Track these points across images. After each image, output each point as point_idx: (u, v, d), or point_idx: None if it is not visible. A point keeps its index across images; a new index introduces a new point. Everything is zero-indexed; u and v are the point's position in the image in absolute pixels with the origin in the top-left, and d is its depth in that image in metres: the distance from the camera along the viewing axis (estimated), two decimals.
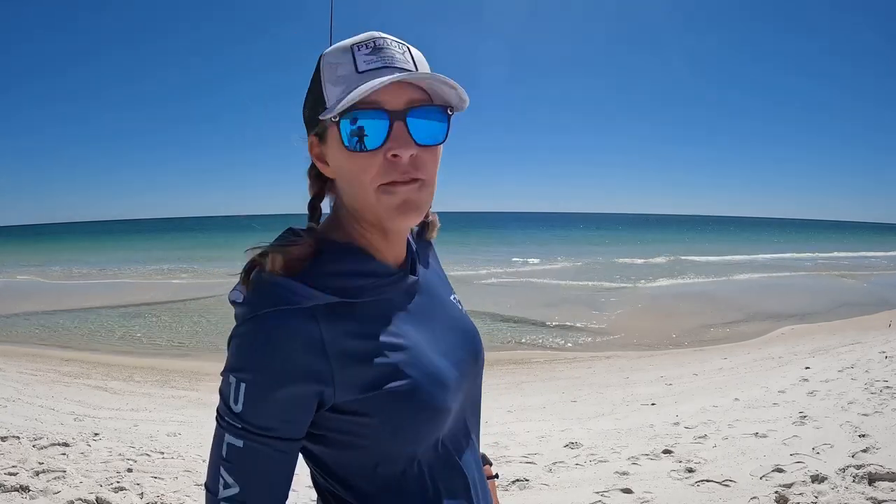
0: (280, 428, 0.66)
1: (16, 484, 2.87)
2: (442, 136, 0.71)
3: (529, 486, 3.25)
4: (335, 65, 0.69)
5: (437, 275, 0.89)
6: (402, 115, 0.67)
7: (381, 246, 0.75)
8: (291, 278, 0.67)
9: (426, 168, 0.70)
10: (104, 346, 8.99)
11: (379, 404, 0.69)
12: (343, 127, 0.67)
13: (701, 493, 2.99)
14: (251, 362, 0.65)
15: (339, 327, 0.68)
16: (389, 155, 0.67)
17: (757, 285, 16.12)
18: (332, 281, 0.69)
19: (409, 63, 0.69)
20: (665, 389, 5.96)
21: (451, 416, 0.76)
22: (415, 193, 0.69)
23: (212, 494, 0.68)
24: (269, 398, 0.65)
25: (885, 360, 5.93)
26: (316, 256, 0.71)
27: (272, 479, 0.68)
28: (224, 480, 0.67)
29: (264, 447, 0.66)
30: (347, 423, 0.70)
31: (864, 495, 2.70)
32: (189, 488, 3.21)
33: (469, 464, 0.81)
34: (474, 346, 0.85)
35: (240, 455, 0.66)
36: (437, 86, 0.69)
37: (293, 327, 0.65)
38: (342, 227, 0.75)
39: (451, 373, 0.76)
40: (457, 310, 0.87)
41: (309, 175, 0.79)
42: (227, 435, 0.66)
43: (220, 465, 0.67)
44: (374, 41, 0.69)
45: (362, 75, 0.67)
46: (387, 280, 0.74)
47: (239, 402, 0.65)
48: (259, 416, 0.65)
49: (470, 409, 0.85)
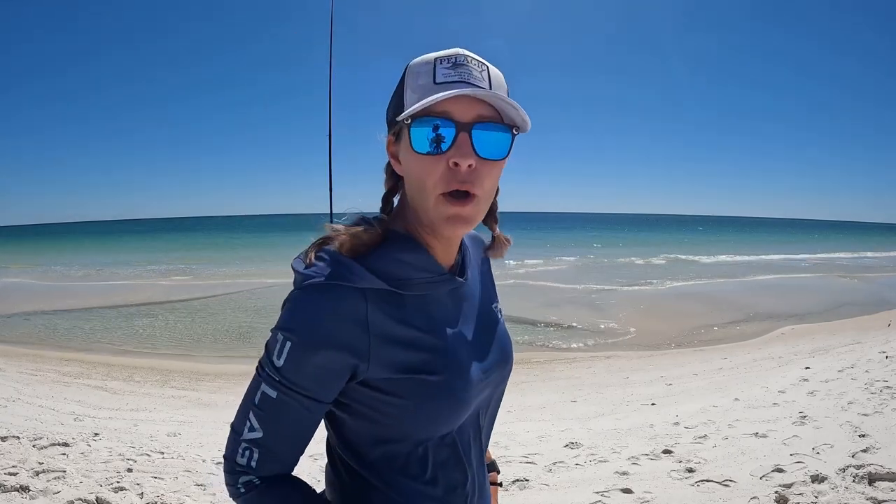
0: (312, 388, 0.73)
1: (16, 484, 2.86)
2: (503, 153, 0.76)
3: (529, 486, 3.25)
4: (417, 74, 0.75)
5: (484, 283, 0.94)
6: (468, 128, 0.72)
7: (435, 245, 0.81)
8: (354, 259, 0.74)
9: (482, 183, 0.74)
10: (104, 346, 8.98)
11: (406, 388, 0.75)
12: (413, 130, 0.73)
13: (701, 493, 2.98)
14: (299, 325, 0.72)
15: (385, 311, 0.74)
16: (451, 162, 0.72)
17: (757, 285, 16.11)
18: (389, 267, 0.76)
19: (484, 81, 0.74)
20: (665, 389, 5.96)
21: (468, 413, 0.82)
22: (467, 211, 0.75)
23: (236, 434, 0.76)
24: (308, 359, 0.72)
25: (885, 360, 5.93)
26: (382, 242, 0.78)
27: (294, 432, 0.76)
28: (251, 424, 0.75)
29: (294, 402, 0.73)
30: (373, 399, 0.76)
31: (864, 495, 2.69)
32: (189, 488, 3.20)
33: (472, 462, 0.85)
34: (504, 354, 0.90)
35: (271, 405, 0.74)
36: (504, 106, 0.74)
37: (343, 302, 0.72)
38: (406, 220, 0.82)
39: (477, 374, 0.82)
40: (496, 318, 0.92)
41: (385, 171, 0.85)
42: (263, 384, 0.74)
43: (250, 410, 0.75)
44: (455, 57, 0.75)
45: (438, 86, 0.73)
46: (436, 277, 0.80)
47: (282, 357, 0.72)
48: (296, 374, 0.72)
49: (486, 412, 0.89)
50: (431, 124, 0.72)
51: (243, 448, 0.76)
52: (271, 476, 0.77)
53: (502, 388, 0.92)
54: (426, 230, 0.80)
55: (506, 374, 0.91)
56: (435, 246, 0.81)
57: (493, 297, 0.95)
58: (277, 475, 0.78)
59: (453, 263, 0.85)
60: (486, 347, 0.86)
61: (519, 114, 0.74)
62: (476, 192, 0.74)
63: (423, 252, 0.80)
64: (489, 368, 0.85)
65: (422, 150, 0.73)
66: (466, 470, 0.84)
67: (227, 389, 6.53)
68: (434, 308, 0.80)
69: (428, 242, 0.81)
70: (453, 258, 0.85)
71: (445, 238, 0.81)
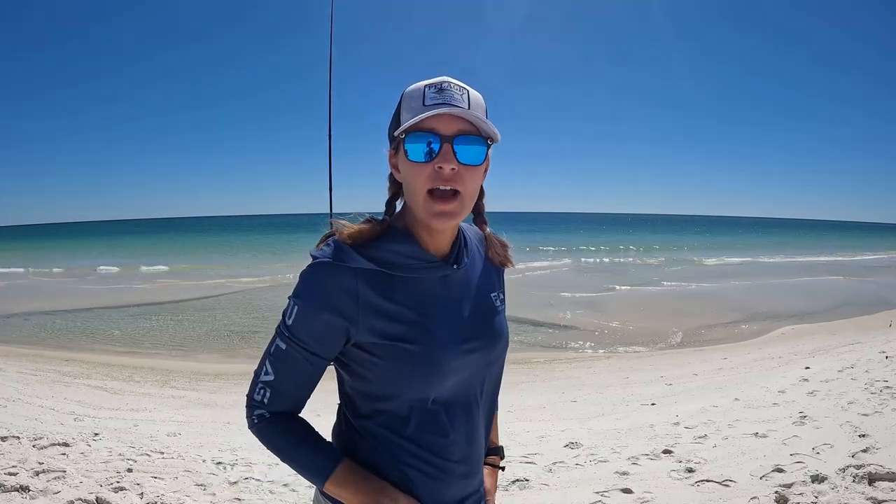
0: (312, 344, 0.93)
1: (16, 484, 2.86)
2: (480, 160, 0.93)
3: (529, 486, 3.25)
4: (411, 98, 0.93)
5: (485, 274, 1.08)
6: (451, 140, 0.89)
7: (427, 237, 0.97)
8: (352, 245, 0.92)
9: (465, 182, 0.91)
10: (104, 346, 8.99)
11: (388, 352, 0.92)
12: (407, 143, 0.90)
13: (701, 493, 2.98)
14: (304, 292, 0.92)
15: (374, 288, 0.92)
16: (436, 167, 0.89)
17: (757, 285, 16.11)
18: (381, 254, 0.93)
19: (464, 103, 0.91)
20: (665, 389, 5.96)
21: (447, 383, 0.95)
22: (451, 205, 0.91)
23: (255, 376, 0.97)
24: (309, 319, 0.91)
25: (885, 360, 5.93)
26: (381, 236, 0.95)
27: (298, 378, 0.95)
28: (266, 368, 0.96)
29: (298, 354, 0.93)
30: (363, 359, 0.94)
31: (864, 495, 2.69)
32: (189, 488, 3.20)
33: (457, 432, 0.98)
34: (493, 335, 1.03)
35: (281, 354, 0.94)
36: (479, 122, 0.90)
37: (338, 277, 0.91)
38: (405, 218, 0.99)
39: (456, 348, 0.96)
40: (492, 304, 1.06)
41: (388, 179, 1.02)
42: (277, 338, 0.95)
43: (267, 358, 0.96)
44: (441, 84, 0.92)
45: (426, 108, 0.90)
46: (426, 264, 0.96)
47: (291, 317, 0.93)
48: (300, 331, 0.92)
49: (479, 389, 1.03)
50: (422, 138, 0.89)
51: (259, 387, 0.96)
52: (279, 412, 0.96)
53: (495, 368, 1.05)
54: (420, 226, 0.96)
55: (495, 354, 1.03)
56: (427, 239, 0.97)
57: (494, 287, 1.08)
58: (285, 412, 0.97)
59: (448, 254, 1.00)
60: (473, 327, 1.00)
61: (490, 128, 0.91)
62: (459, 189, 0.90)
63: (413, 243, 0.96)
64: (474, 346, 0.98)
65: (415, 158, 0.90)
66: (450, 435, 0.97)
67: (227, 389, 6.54)
68: (422, 289, 0.96)
69: (422, 236, 0.97)
70: (446, 249, 1.00)
71: (437, 232, 0.96)
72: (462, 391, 0.99)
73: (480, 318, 1.02)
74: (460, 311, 0.99)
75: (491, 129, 0.91)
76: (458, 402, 0.98)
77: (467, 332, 0.98)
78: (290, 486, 3.23)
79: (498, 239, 1.12)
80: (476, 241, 1.09)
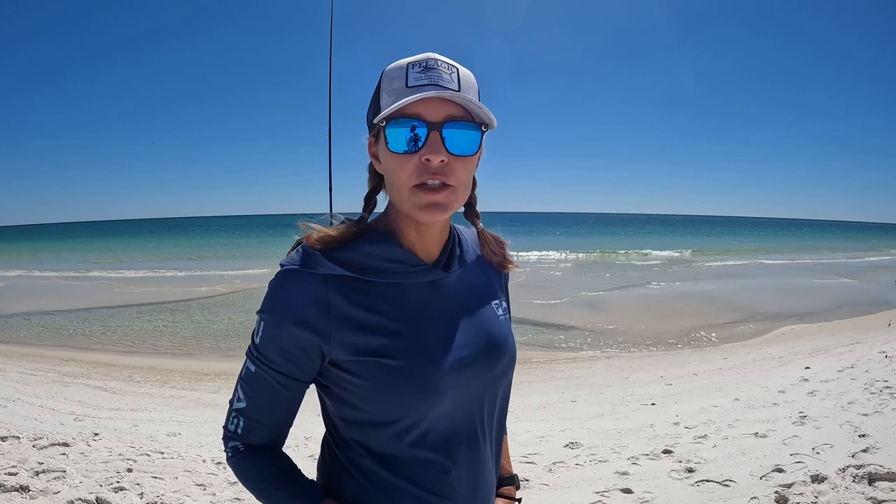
0: (282, 364, 0.81)
1: (16, 484, 2.86)
2: (473, 149, 0.80)
3: (529, 486, 3.25)
4: (391, 78, 0.80)
5: (484, 280, 0.95)
6: (439, 127, 0.77)
7: (414, 238, 0.85)
8: (321, 250, 0.81)
9: (456, 174, 0.79)
10: (104, 346, 8.98)
11: (367, 370, 0.80)
12: (388, 131, 0.78)
13: (701, 493, 2.98)
14: (269, 306, 0.81)
15: (347, 296, 0.80)
16: (423, 159, 0.77)
17: (757, 285, 16.10)
18: (356, 258, 0.82)
19: (453, 83, 0.79)
20: (665, 389, 5.96)
21: (442, 406, 0.82)
22: (441, 197, 0.78)
23: (229, 404, 0.87)
24: (275, 336, 0.80)
25: (885, 360, 5.93)
26: (357, 238, 0.84)
27: (271, 404, 0.84)
28: (239, 395, 0.85)
29: (268, 376, 0.82)
30: (341, 380, 0.82)
31: (864, 495, 2.69)
32: (189, 488, 3.20)
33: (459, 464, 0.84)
34: (494, 348, 0.89)
35: (251, 378, 0.83)
36: (471, 106, 0.78)
37: (305, 286, 0.79)
38: (388, 217, 0.87)
39: (450, 363, 0.82)
40: (492, 313, 0.92)
41: (368, 171, 0.90)
42: (247, 360, 0.84)
43: (239, 383, 0.86)
44: (426, 61, 0.79)
45: (410, 90, 0.77)
46: (409, 268, 0.84)
47: (258, 335, 0.82)
48: (268, 349, 0.81)
49: (483, 411, 0.88)
50: (405, 125, 0.77)
51: (232, 416, 0.86)
52: (255, 445, 0.86)
53: (499, 386, 0.90)
54: (406, 223, 0.84)
55: (497, 371, 0.89)
56: (413, 238, 0.85)
57: (494, 294, 0.96)
58: (262, 445, 0.86)
59: (438, 257, 0.88)
60: (468, 340, 0.86)
61: (484, 113, 0.78)
62: (451, 182, 0.79)
63: (394, 244, 0.84)
64: (469, 361, 0.84)
65: (397, 149, 0.78)
66: (451, 471, 0.83)
67: (227, 389, 6.53)
68: (405, 297, 0.83)
69: (407, 236, 0.85)
70: (436, 251, 0.88)
71: (426, 228, 0.85)
72: (463, 417, 0.84)
73: (479, 329, 0.88)
74: (453, 321, 0.86)
75: (485, 114, 0.79)
76: (459, 430, 0.84)
77: (461, 346, 0.84)
78: None
79: (493, 236, 0.99)
80: (473, 244, 0.96)
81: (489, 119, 0.79)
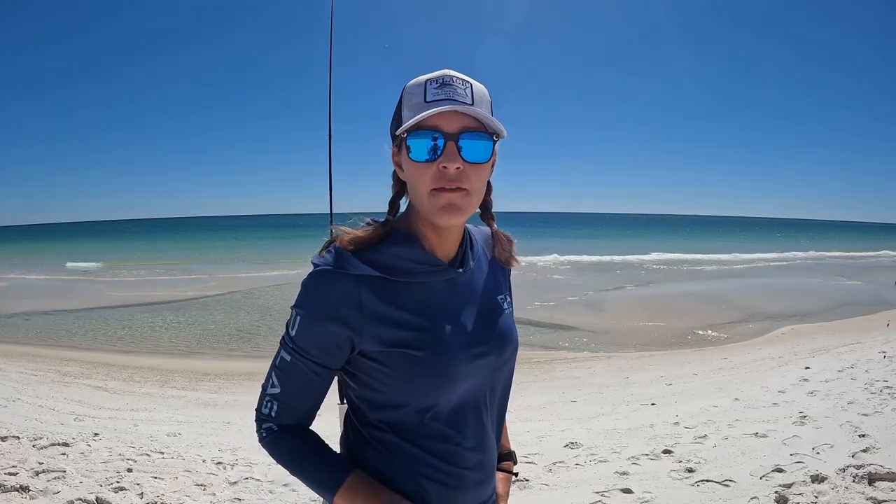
0: (316, 354, 0.90)
1: (16, 484, 2.86)
2: (486, 157, 0.89)
3: (529, 486, 3.25)
4: (411, 94, 0.89)
5: (491, 276, 1.05)
6: (455, 137, 0.86)
7: (433, 239, 0.94)
8: (353, 252, 0.89)
9: (471, 180, 0.88)
10: (104, 346, 8.99)
11: (394, 360, 0.89)
12: (410, 142, 0.87)
13: (701, 493, 2.98)
14: (306, 302, 0.90)
15: (377, 294, 0.89)
16: (440, 167, 0.86)
17: (757, 285, 16.11)
18: (384, 259, 0.90)
19: (467, 98, 0.88)
20: (665, 389, 5.96)
21: (457, 390, 0.93)
22: (457, 199, 0.87)
23: (262, 389, 0.96)
24: (312, 330, 0.89)
25: (884, 360, 5.93)
26: (383, 239, 0.92)
27: (305, 390, 0.93)
28: (272, 381, 0.94)
29: (303, 365, 0.91)
30: (370, 368, 0.91)
31: (864, 495, 2.70)
32: (189, 488, 3.20)
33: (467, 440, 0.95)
34: (502, 339, 1.00)
35: (286, 366, 0.92)
36: (484, 118, 0.87)
37: (340, 285, 0.88)
38: (409, 220, 0.96)
39: (465, 353, 0.93)
40: (499, 307, 1.03)
41: (392, 178, 0.99)
42: (282, 350, 0.93)
43: (273, 370, 0.94)
44: (443, 78, 0.88)
45: (428, 104, 0.87)
46: (431, 268, 0.93)
47: (294, 328, 0.91)
48: (303, 341, 0.90)
49: (489, 395, 0.99)
50: (424, 136, 0.86)
51: (266, 401, 0.95)
52: (288, 425, 0.95)
53: (504, 373, 1.02)
54: (426, 226, 0.93)
55: (504, 359, 1.00)
56: (432, 240, 0.94)
57: (501, 289, 1.06)
58: (293, 425, 0.95)
59: (454, 256, 0.97)
60: (481, 332, 0.97)
61: (496, 124, 0.87)
62: (465, 186, 0.87)
63: (417, 246, 0.93)
64: (482, 351, 0.95)
65: (418, 158, 0.87)
66: (461, 443, 0.94)
67: (227, 389, 6.54)
68: (427, 294, 0.93)
69: (427, 238, 0.94)
70: (453, 252, 0.97)
71: (444, 231, 0.93)
72: (471, 397, 0.96)
73: (488, 321, 0.99)
74: (468, 315, 0.96)
75: (497, 126, 0.88)
76: (467, 408, 0.95)
77: (475, 337, 0.95)
78: (290, 486, 3.23)
79: (505, 235, 1.09)
80: (482, 243, 1.06)
81: (499, 129, 0.88)
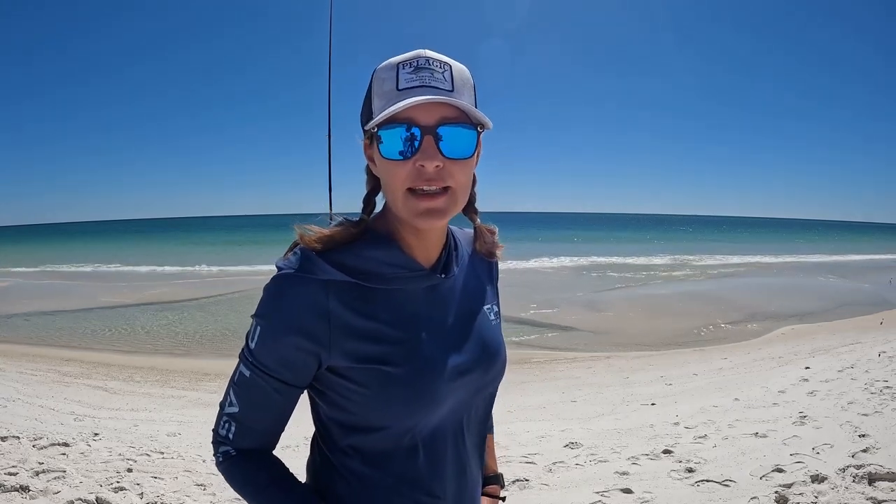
0: (278, 370, 0.79)
1: (16, 484, 2.86)
2: (470, 151, 0.77)
3: (529, 486, 3.25)
4: (382, 80, 0.77)
5: (477, 283, 0.94)
6: (433, 130, 0.74)
7: (413, 242, 0.83)
8: (320, 253, 0.78)
9: (454, 177, 0.76)
10: (104, 346, 8.98)
11: (367, 377, 0.78)
12: (381, 137, 0.75)
13: (701, 493, 2.98)
14: (266, 311, 0.78)
15: (348, 303, 0.77)
16: (417, 164, 0.74)
17: (757, 285, 16.10)
18: (356, 262, 0.79)
19: (446, 83, 0.76)
20: (665, 389, 5.96)
21: (435, 412, 0.82)
22: (439, 203, 0.76)
23: (220, 408, 0.84)
24: (273, 342, 0.78)
25: (884, 360, 5.93)
26: (356, 240, 0.81)
27: (266, 410, 0.81)
28: (230, 399, 0.82)
29: (263, 382, 0.79)
30: (340, 386, 0.80)
31: (864, 495, 2.70)
32: (189, 488, 3.20)
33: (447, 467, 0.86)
34: (488, 355, 0.89)
35: (245, 382, 0.81)
36: (465, 108, 0.75)
37: (305, 292, 0.76)
38: (387, 219, 0.84)
39: (449, 370, 0.82)
40: (486, 319, 0.92)
41: (366, 172, 0.86)
42: (241, 364, 0.82)
43: (231, 387, 0.83)
44: (417, 60, 0.76)
45: (401, 93, 0.74)
46: (409, 273, 0.82)
47: (253, 340, 0.79)
48: (263, 355, 0.78)
49: (469, 416, 0.89)
50: (397, 130, 0.74)
51: (224, 420, 0.83)
52: (247, 449, 0.83)
53: (487, 392, 0.91)
54: (405, 227, 0.81)
55: (490, 377, 0.89)
56: (412, 242, 0.83)
57: (488, 298, 0.95)
58: (253, 450, 0.84)
59: (436, 261, 0.86)
60: (465, 346, 0.86)
61: (478, 115, 0.76)
62: (449, 184, 0.76)
63: (395, 249, 0.82)
64: (467, 367, 0.84)
65: (390, 155, 0.75)
66: (438, 469, 0.84)
67: None
68: (405, 302, 0.82)
69: (406, 240, 0.83)
70: (434, 256, 0.86)
71: (425, 233, 0.82)
72: (452, 419, 0.85)
73: (473, 335, 0.87)
74: (450, 327, 0.85)
75: (480, 116, 0.76)
76: (447, 432, 0.85)
77: (459, 352, 0.84)
78: None
79: (487, 227, 0.97)
80: (465, 243, 0.95)
81: (485, 121, 0.77)
